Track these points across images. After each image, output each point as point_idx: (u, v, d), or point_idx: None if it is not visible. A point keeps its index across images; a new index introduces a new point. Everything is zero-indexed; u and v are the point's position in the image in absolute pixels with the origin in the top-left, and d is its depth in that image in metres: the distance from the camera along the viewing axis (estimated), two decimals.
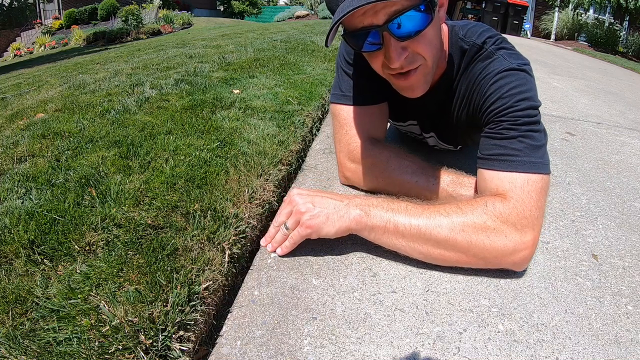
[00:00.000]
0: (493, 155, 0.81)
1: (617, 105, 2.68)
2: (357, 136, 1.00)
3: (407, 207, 0.78)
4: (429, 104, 1.01)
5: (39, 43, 11.53)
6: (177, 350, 0.60)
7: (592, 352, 0.65)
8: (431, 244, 0.76)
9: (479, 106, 0.87)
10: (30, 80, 3.62)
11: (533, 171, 0.77)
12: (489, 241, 0.74)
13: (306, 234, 0.80)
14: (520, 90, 0.81)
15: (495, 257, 0.76)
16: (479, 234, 0.74)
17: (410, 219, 0.76)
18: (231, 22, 12.33)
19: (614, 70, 5.41)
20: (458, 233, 0.74)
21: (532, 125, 0.79)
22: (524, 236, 0.74)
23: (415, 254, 0.79)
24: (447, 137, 1.13)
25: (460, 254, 0.76)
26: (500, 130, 0.81)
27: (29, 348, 0.57)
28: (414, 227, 0.75)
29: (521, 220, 0.74)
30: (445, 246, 0.75)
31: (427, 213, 0.76)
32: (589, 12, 10.40)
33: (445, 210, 0.76)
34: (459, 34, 0.90)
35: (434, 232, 0.74)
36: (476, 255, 0.75)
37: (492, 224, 0.74)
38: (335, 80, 1.04)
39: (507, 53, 0.86)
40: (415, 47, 0.75)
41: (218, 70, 2.53)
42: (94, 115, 1.64)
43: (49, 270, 0.73)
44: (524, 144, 0.78)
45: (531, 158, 0.78)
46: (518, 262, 0.77)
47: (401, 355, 0.63)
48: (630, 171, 1.43)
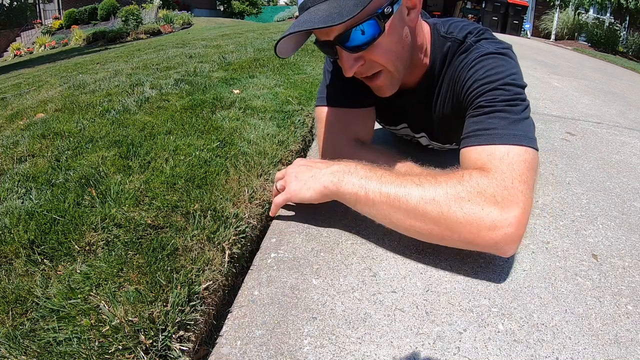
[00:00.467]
0: (471, 132, 0.79)
1: (617, 105, 2.68)
2: (342, 137, 0.98)
3: (383, 174, 0.77)
4: (415, 103, 1.01)
5: (39, 43, 11.53)
6: (177, 350, 0.60)
7: (592, 352, 0.65)
8: (401, 212, 0.73)
9: (460, 94, 0.86)
10: (30, 80, 3.62)
11: (513, 143, 0.72)
12: (462, 213, 0.68)
13: (286, 197, 0.89)
14: (497, 70, 0.79)
15: (470, 232, 0.69)
16: (451, 205, 0.69)
17: (381, 186, 0.75)
18: (231, 22, 12.34)
19: (614, 70, 5.41)
20: (428, 202, 0.70)
21: (513, 101, 0.76)
22: (505, 212, 0.67)
23: (387, 223, 0.78)
24: (437, 136, 1.13)
25: (431, 225, 0.71)
26: (477, 109, 0.79)
27: (29, 348, 0.57)
28: (384, 194, 0.74)
29: (502, 193, 0.68)
30: (415, 216, 0.72)
31: (399, 181, 0.74)
32: (589, 12, 10.40)
33: (419, 180, 0.74)
34: (441, 31, 0.90)
35: (402, 200, 0.72)
36: (449, 227, 0.70)
37: (466, 195, 0.69)
38: (321, 84, 1.04)
39: (486, 42, 0.86)
40: (369, 56, 0.79)
41: (218, 70, 2.53)
42: (94, 115, 1.64)
43: (49, 270, 0.73)
44: (501, 118, 0.75)
45: (511, 131, 0.73)
46: (500, 241, 0.69)
47: (401, 355, 0.63)
48: (630, 171, 1.43)
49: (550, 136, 1.73)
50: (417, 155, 1.02)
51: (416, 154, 1.05)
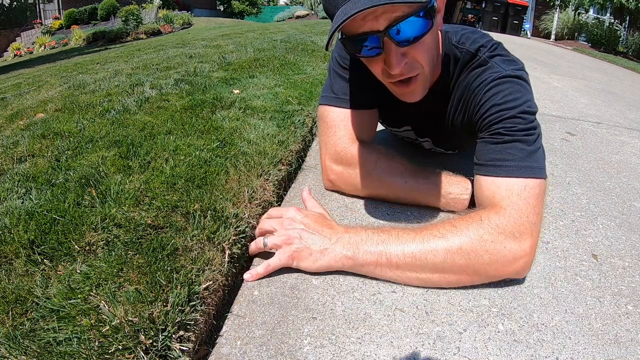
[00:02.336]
0: (489, 160, 0.80)
1: (617, 105, 2.68)
2: (345, 138, 0.98)
3: (399, 234, 0.75)
4: (424, 110, 1.01)
5: (39, 43, 11.53)
6: (177, 350, 0.60)
7: (592, 352, 0.65)
8: (429, 269, 0.73)
9: (474, 113, 0.87)
10: (30, 80, 3.62)
11: (530, 176, 0.76)
12: (488, 256, 0.71)
13: (285, 263, 0.77)
14: (515, 96, 0.81)
15: (497, 270, 0.74)
16: (477, 251, 0.71)
17: (403, 246, 0.73)
18: (231, 22, 12.33)
19: (614, 70, 5.41)
20: (455, 253, 0.71)
21: (528, 131, 0.79)
22: (522, 244, 0.73)
23: (414, 282, 0.75)
24: (442, 142, 1.14)
25: (460, 274, 0.73)
26: (495, 136, 0.81)
27: (29, 348, 0.57)
28: (408, 255, 0.72)
29: (519, 228, 0.72)
30: (443, 269, 0.72)
31: (420, 237, 0.73)
32: (589, 12, 10.40)
33: (439, 232, 0.73)
34: (452, 41, 0.89)
35: (429, 257, 0.71)
36: (477, 272, 0.73)
37: (489, 237, 0.72)
38: (326, 83, 1.02)
39: (501, 59, 0.86)
40: (414, 54, 0.74)
41: (218, 70, 2.53)
42: (94, 115, 1.64)
43: (49, 270, 0.73)
44: (519, 148, 0.78)
45: (527, 162, 0.77)
46: (519, 270, 0.75)
47: (401, 355, 0.63)
48: (630, 171, 1.43)
49: (550, 136, 1.73)
50: (418, 157, 1.02)
51: (417, 157, 1.05)
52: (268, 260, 0.78)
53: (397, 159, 0.98)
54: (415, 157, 1.02)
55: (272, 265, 0.77)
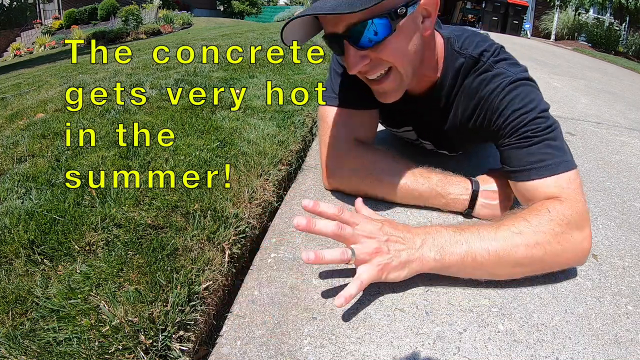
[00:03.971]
0: (526, 164, 0.82)
1: (617, 105, 2.68)
2: (344, 138, 0.98)
3: (480, 231, 0.75)
4: (425, 114, 1.01)
5: (39, 43, 11.52)
6: (177, 350, 0.60)
7: (592, 352, 0.65)
8: (510, 265, 0.74)
9: (492, 121, 0.87)
10: (30, 80, 3.62)
11: (569, 169, 0.80)
12: (560, 247, 0.75)
13: (376, 278, 0.70)
14: (531, 98, 0.83)
15: (567, 259, 0.77)
16: (551, 243, 0.74)
17: (487, 245, 0.73)
18: (231, 22, 12.33)
19: (614, 70, 5.41)
20: (533, 247, 0.73)
21: (551, 127, 0.82)
22: (583, 232, 0.77)
23: (489, 276, 0.77)
24: (444, 145, 1.14)
25: (535, 265, 0.76)
26: (523, 140, 0.82)
27: (29, 348, 0.57)
28: (493, 253, 0.73)
29: (580, 218, 0.76)
30: (523, 264, 0.75)
31: (502, 234, 0.74)
32: (589, 12, 10.40)
33: (516, 228, 0.75)
34: (455, 46, 0.89)
35: (512, 254, 0.73)
36: (551, 263, 0.76)
37: (559, 229, 0.75)
38: (327, 82, 1.03)
39: (506, 64, 0.87)
40: (378, 54, 0.77)
41: (218, 70, 2.53)
42: (94, 115, 1.64)
43: (49, 270, 0.73)
44: (551, 146, 0.81)
45: (562, 158, 0.80)
46: (582, 257, 0.79)
47: (401, 355, 0.63)
48: (630, 171, 1.43)
49: None
50: (418, 158, 1.02)
51: (417, 157, 1.05)
52: (358, 278, 0.69)
53: (397, 159, 0.98)
54: (415, 157, 1.02)
55: (364, 282, 0.69)
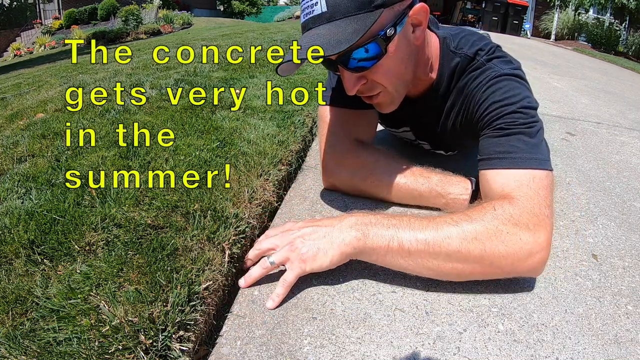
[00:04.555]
0: (493, 153, 0.79)
1: (617, 105, 2.68)
2: (344, 138, 0.98)
3: (410, 220, 0.72)
4: (423, 115, 1.01)
5: (39, 43, 11.52)
6: (177, 350, 0.60)
7: (592, 352, 0.65)
8: (442, 258, 0.69)
9: (473, 114, 0.87)
10: (30, 80, 3.62)
11: (536, 167, 0.75)
12: (504, 247, 0.69)
13: (300, 271, 0.72)
14: (514, 93, 0.81)
15: (512, 264, 0.70)
16: (492, 240, 0.68)
17: (416, 233, 0.70)
18: (231, 22, 12.33)
19: (614, 70, 5.41)
20: (470, 242, 0.68)
21: (530, 124, 0.79)
22: (537, 237, 0.70)
23: (425, 272, 0.72)
24: (440, 145, 1.14)
25: (474, 264, 0.70)
26: (497, 130, 0.80)
27: (29, 348, 0.57)
28: (421, 241, 0.69)
29: (533, 219, 0.70)
30: (457, 258, 0.69)
31: (434, 224, 0.70)
32: (589, 12, 10.40)
33: (452, 220, 0.71)
34: (450, 46, 0.89)
35: (443, 245, 0.68)
36: (492, 263, 0.70)
37: (504, 228, 0.69)
38: (327, 83, 1.03)
39: (498, 61, 0.87)
40: (372, 76, 0.79)
41: (218, 70, 2.53)
42: (94, 115, 1.64)
43: (49, 270, 0.73)
44: (523, 141, 0.77)
45: (532, 154, 0.76)
46: (535, 266, 0.72)
47: (401, 355, 0.63)
48: (630, 171, 1.43)
49: (550, 136, 1.73)
50: (418, 158, 1.02)
51: (417, 157, 1.05)
52: (283, 277, 0.72)
53: (397, 159, 0.98)
54: (415, 157, 1.02)
55: (288, 280, 0.72)
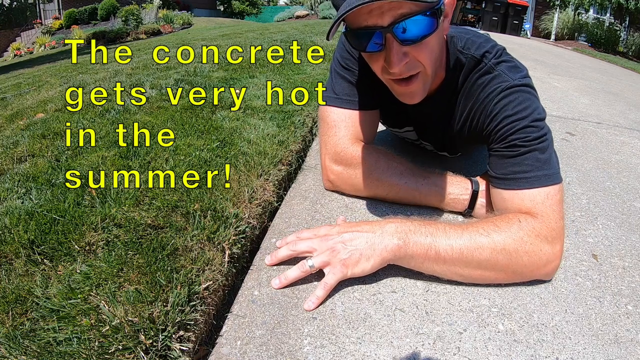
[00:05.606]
0: (508, 174, 0.82)
1: (617, 105, 2.68)
2: (345, 139, 0.98)
3: (446, 229, 0.75)
4: (427, 114, 1.01)
5: (39, 43, 11.51)
6: (177, 350, 0.60)
7: (592, 352, 0.65)
8: (473, 266, 0.74)
9: (484, 124, 0.87)
10: (30, 80, 3.62)
11: (549, 184, 0.79)
12: (527, 257, 0.75)
13: (342, 275, 0.73)
14: (525, 105, 0.82)
15: (531, 271, 0.77)
16: (518, 252, 0.74)
17: (452, 241, 0.73)
18: (231, 22, 12.33)
19: (614, 70, 5.41)
20: (499, 253, 0.73)
21: (541, 138, 0.81)
22: (554, 247, 0.76)
23: (455, 277, 0.77)
24: (444, 147, 1.14)
25: (499, 272, 0.75)
26: (510, 148, 0.82)
27: (29, 348, 0.57)
28: (456, 250, 0.73)
29: (551, 233, 0.76)
30: (486, 267, 0.74)
31: (467, 234, 0.74)
32: (589, 12, 10.40)
33: (484, 230, 0.75)
34: (457, 45, 0.89)
35: (475, 254, 0.73)
36: (515, 271, 0.76)
37: (528, 239, 0.74)
38: (328, 83, 1.02)
39: (507, 67, 0.87)
40: (416, 54, 0.73)
41: (218, 70, 2.53)
42: (94, 115, 1.64)
43: (49, 270, 0.73)
44: (536, 158, 0.80)
45: (545, 171, 0.80)
46: (550, 272, 0.79)
47: (401, 355, 0.63)
48: (630, 171, 1.43)
49: None
50: (418, 158, 1.02)
51: (417, 157, 1.05)
52: (324, 280, 0.73)
53: (397, 159, 0.98)
54: (415, 157, 1.02)
55: (329, 283, 0.73)
